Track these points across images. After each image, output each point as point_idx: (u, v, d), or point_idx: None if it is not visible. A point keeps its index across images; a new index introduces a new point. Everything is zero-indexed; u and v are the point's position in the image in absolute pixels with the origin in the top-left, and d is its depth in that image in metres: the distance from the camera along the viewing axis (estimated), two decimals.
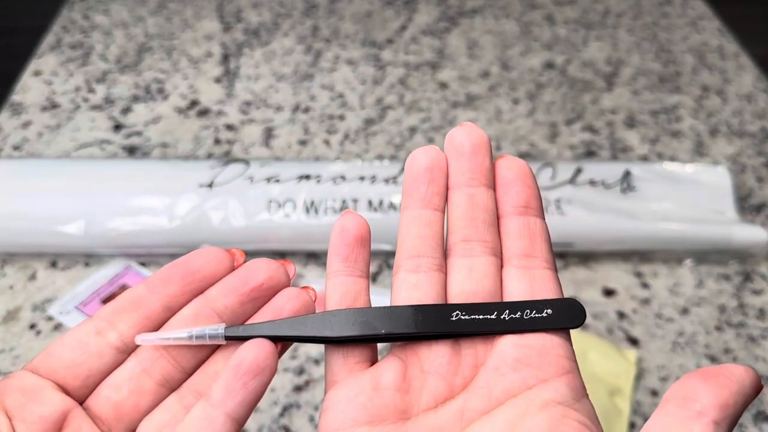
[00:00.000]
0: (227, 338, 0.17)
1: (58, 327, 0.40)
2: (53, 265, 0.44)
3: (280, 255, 0.44)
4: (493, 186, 0.19)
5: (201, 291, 0.18)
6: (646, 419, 0.36)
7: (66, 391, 0.16)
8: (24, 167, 0.46)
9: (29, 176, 0.45)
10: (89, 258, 0.44)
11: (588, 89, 0.62)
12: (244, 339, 0.17)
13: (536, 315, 0.18)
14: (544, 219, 0.20)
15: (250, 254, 0.20)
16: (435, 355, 0.18)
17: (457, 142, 0.19)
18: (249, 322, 0.18)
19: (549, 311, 0.18)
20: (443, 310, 0.18)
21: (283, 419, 0.36)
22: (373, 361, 0.18)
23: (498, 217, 0.19)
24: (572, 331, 0.45)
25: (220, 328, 0.17)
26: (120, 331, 0.17)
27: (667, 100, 0.61)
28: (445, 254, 0.19)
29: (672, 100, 0.61)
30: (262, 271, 0.18)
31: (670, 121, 0.58)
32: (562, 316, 0.18)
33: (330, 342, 0.18)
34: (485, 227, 0.19)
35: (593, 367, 0.38)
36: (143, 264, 0.44)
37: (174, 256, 0.44)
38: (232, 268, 0.19)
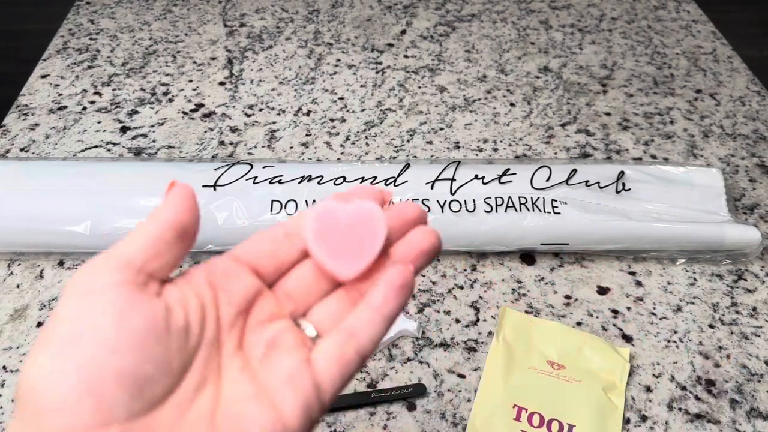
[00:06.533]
0: None
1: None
2: (60, 264, 0.45)
3: None
4: None
5: None
6: (641, 415, 0.37)
7: (259, 276, 0.20)
8: (31, 168, 0.46)
9: (36, 177, 0.45)
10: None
11: (583, 92, 0.63)
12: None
13: None
14: None
15: None
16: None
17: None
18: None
19: None
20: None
21: None
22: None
23: None
24: (568, 329, 0.46)
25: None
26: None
27: (661, 103, 0.62)
28: None
29: (666, 103, 0.62)
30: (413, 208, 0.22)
31: (663, 123, 0.59)
32: None
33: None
34: None
35: (588, 364, 0.39)
36: None
37: None
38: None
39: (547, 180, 0.46)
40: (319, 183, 0.45)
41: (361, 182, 0.45)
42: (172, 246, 0.19)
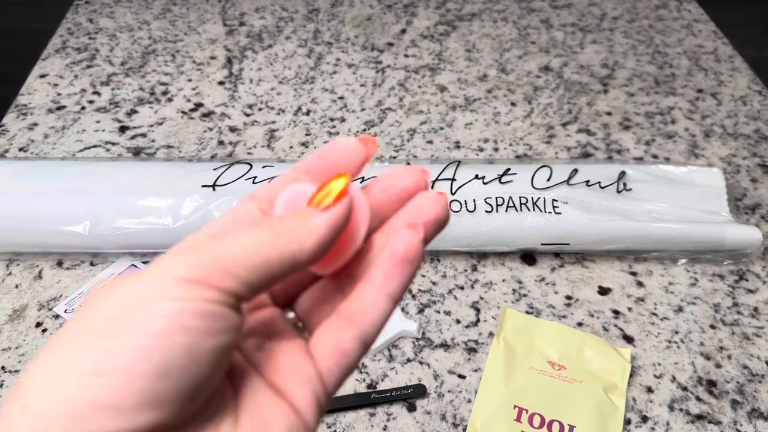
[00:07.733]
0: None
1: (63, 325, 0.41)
2: (59, 264, 0.45)
3: None
4: None
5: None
6: (641, 415, 0.37)
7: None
8: (30, 168, 0.46)
9: (35, 177, 0.45)
10: (94, 257, 0.45)
11: (584, 92, 0.63)
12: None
13: None
14: None
15: None
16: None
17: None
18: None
19: None
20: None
21: None
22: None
23: None
24: (569, 329, 0.45)
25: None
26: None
27: (662, 102, 0.62)
28: None
29: (667, 102, 0.62)
30: (407, 176, 0.19)
31: (665, 123, 0.59)
32: None
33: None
34: None
35: (589, 365, 0.39)
36: (147, 263, 0.45)
37: None
38: (366, 158, 0.19)
39: (548, 180, 0.46)
40: None
41: (361, 182, 0.45)
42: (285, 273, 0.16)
